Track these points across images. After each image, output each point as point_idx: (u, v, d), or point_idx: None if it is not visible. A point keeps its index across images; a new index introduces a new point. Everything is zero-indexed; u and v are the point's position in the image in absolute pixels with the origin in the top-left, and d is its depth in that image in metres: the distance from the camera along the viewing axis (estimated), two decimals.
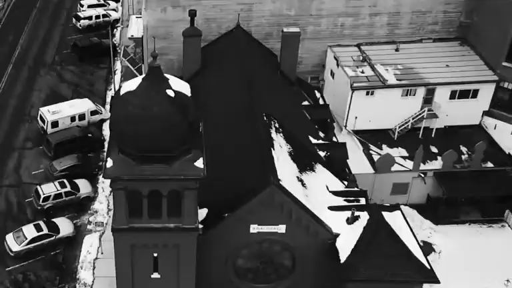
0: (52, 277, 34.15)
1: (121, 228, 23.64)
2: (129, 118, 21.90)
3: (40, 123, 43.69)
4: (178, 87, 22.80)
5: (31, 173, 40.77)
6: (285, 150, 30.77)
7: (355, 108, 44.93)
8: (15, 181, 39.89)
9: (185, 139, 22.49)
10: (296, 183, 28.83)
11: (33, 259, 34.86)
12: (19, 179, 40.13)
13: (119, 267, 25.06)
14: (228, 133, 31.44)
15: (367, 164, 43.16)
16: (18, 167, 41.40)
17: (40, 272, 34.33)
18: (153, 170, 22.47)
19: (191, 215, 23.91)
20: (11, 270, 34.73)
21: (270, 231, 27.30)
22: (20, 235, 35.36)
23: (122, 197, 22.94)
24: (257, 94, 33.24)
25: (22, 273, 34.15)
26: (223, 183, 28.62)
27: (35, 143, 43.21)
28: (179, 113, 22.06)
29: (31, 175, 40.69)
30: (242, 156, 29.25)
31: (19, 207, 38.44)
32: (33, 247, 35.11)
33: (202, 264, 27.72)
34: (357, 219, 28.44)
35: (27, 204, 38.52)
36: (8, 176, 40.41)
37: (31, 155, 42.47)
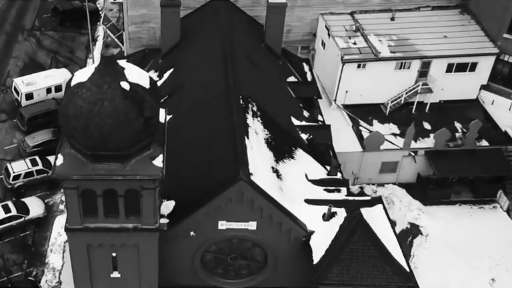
0: (20, 260, 32.87)
1: (75, 228, 22.01)
2: (77, 113, 19.77)
3: (14, 94, 41.52)
4: (135, 78, 20.55)
5: (3, 148, 38.81)
6: (261, 137, 28.69)
7: (345, 81, 42.62)
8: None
9: (140, 137, 20.46)
10: (270, 175, 26.90)
11: (0, 240, 33.58)
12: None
13: (75, 267, 23.51)
14: (201, 117, 29.33)
15: (355, 141, 41.24)
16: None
17: (7, 255, 33.03)
18: (106, 169, 20.52)
19: (150, 215, 22.16)
20: None
21: (240, 227, 25.58)
22: None
23: (74, 196, 21.12)
24: (235, 72, 30.86)
25: None
26: (192, 173, 26.77)
27: (10, 115, 41.04)
28: (133, 109, 19.90)
29: (3, 150, 38.71)
30: (214, 144, 27.22)
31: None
32: (0, 229, 33.74)
33: (168, 259, 26.18)
34: (333, 215, 26.62)
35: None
36: None
37: (4, 128, 40.32)
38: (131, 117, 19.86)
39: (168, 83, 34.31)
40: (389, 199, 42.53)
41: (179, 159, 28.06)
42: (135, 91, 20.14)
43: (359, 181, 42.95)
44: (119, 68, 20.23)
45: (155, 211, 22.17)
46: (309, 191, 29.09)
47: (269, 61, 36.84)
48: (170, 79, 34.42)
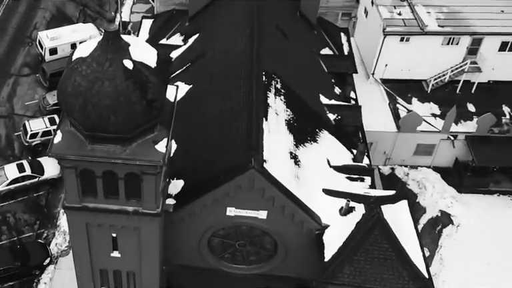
0: (32, 221, 32.94)
1: (73, 207, 21.36)
2: (75, 91, 18.63)
3: (38, 48, 40.79)
4: (140, 55, 19.15)
5: (24, 103, 38.48)
6: (282, 118, 27.11)
7: (385, 54, 40.27)
8: (6, 111, 37.84)
9: (142, 120, 19.24)
10: (287, 162, 25.47)
11: (13, 199, 33.63)
12: (11, 109, 38.08)
13: (74, 245, 23.05)
14: (220, 91, 27.89)
15: (390, 120, 39.26)
16: (11, 96, 39.11)
17: (19, 214, 33.15)
18: (105, 151, 19.52)
19: (151, 200, 21.21)
20: None
21: (249, 215, 24.50)
22: (1, 174, 33.87)
23: (72, 176, 20.31)
24: (261, 45, 28.99)
25: (1, 213, 33.05)
26: (205, 152, 25.64)
27: (33, 69, 40.48)
28: (135, 90, 18.62)
29: (24, 105, 38.42)
30: (229, 123, 25.83)
31: (7, 140, 36.66)
32: (14, 188, 33.72)
33: (173, 240, 25.53)
34: (351, 210, 25.10)
35: (16, 138, 36.68)
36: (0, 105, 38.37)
37: (26, 83, 39.90)
38: (132, 99, 18.62)
39: (192, 49, 32.83)
40: (421, 183, 40.69)
41: (193, 134, 27.00)
42: (139, 71, 18.79)
43: (391, 162, 41.14)
44: (124, 44, 18.86)
45: (157, 196, 21.22)
46: (330, 179, 27.58)
47: (302, 31, 34.74)
48: (195, 45, 32.90)
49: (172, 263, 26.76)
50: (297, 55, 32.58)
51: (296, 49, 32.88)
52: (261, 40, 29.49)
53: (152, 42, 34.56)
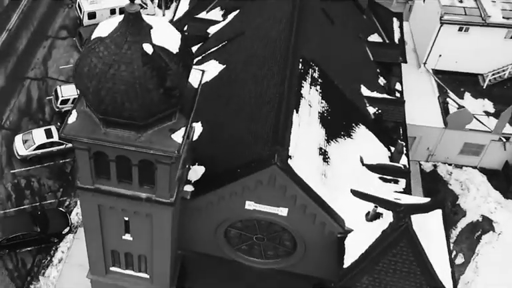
0: (55, 188, 33.20)
1: (86, 187, 21.10)
2: (90, 72, 18.00)
3: (78, 11, 40.46)
4: (162, 39, 18.31)
5: (58, 67, 38.44)
6: (315, 110, 25.93)
7: (440, 44, 38.22)
8: (40, 73, 37.95)
9: (158, 109, 18.52)
10: (314, 158, 24.41)
11: (40, 164, 33.92)
12: (45, 72, 38.14)
13: (86, 225, 22.93)
14: (253, 76, 26.84)
15: (438, 115, 37.42)
16: (47, 58, 39.13)
17: (44, 180, 33.45)
18: (119, 136, 18.94)
19: (164, 188, 20.63)
20: (15, 173, 34.13)
21: (269, 211, 23.73)
22: (29, 138, 34.17)
23: (85, 157, 19.95)
24: (301, 29, 27.65)
25: (26, 177, 33.45)
26: (230, 139, 24.85)
27: (71, 33, 40.31)
28: (152, 77, 17.83)
29: (58, 69, 38.39)
30: (258, 112, 24.90)
31: (38, 103, 36.92)
32: (40, 153, 34.00)
33: (189, 227, 25.13)
34: (378, 216, 23.97)
35: (47, 102, 36.82)
36: (35, 67, 38.46)
37: (62, 46, 39.80)
38: (149, 86, 17.90)
39: (231, 26, 31.78)
40: (464, 184, 38.92)
41: (221, 118, 26.22)
42: (158, 56, 17.97)
43: (434, 158, 39.43)
44: (145, 26, 18.04)
45: (171, 185, 20.66)
46: (361, 179, 26.41)
47: (350, 15, 33.04)
48: (234, 22, 31.77)
49: (187, 248, 26.51)
50: (341, 41, 31.04)
51: (341, 35, 31.30)
52: (302, 23, 28.12)
53: (190, 15, 33.83)
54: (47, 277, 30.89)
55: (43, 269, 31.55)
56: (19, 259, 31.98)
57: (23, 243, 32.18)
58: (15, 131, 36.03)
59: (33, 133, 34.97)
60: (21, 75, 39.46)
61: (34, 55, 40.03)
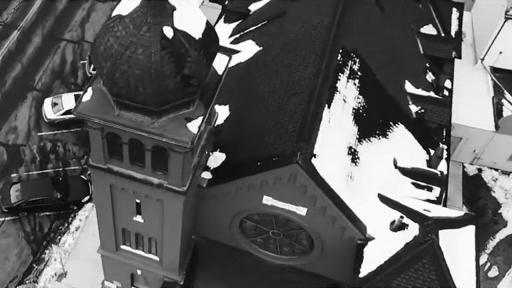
0: (80, 155, 33.37)
1: (98, 166, 20.86)
2: (106, 52, 17.41)
3: None
4: (185, 23, 17.49)
5: (96, 30, 38.13)
6: (349, 106, 24.73)
7: (502, 40, 35.88)
8: (76, 36, 37.76)
9: (174, 96, 17.85)
10: (342, 158, 23.35)
11: (67, 129, 34.07)
12: (82, 35, 37.93)
13: (97, 203, 22.84)
14: (289, 62, 25.75)
15: (489, 117, 35.45)
16: (85, 21, 38.81)
17: (70, 145, 33.61)
18: (133, 120, 18.45)
19: (177, 176, 20.19)
20: (42, 136, 34.41)
21: (287, 208, 22.99)
22: (58, 102, 34.28)
23: (98, 137, 19.61)
24: (346, 15, 26.26)
25: (52, 141, 33.68)
26: (254, 129, 24.02)
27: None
28: (170, 63, 17.07)
29: (95, 33, 38.02)
30: (287, 104, 23.92)
31: (72, 67, 36.84)
32: (68, 118, 34.10)
33: (204, 214, 24.70)
34: (403, 227, 22.87)
35: (81, 66, 36.72)
36: (72, 29, 38.29)
37: (102, 9, 39.36)
38: (165, 72, 17.22)
39: (273, 5, 30.55)
40: (509, 193, 37.12)
41: (249, 104, 25.41)
42: (179, 41, 17.21)
43: (480, 162, 37.60)
44: (168, 8, 17.27)
45: (184, 174, 20.16)
46: (391, 183, 25.23)
47: (404, 3, 31.24)
48: (277, 1, 30.64)
49: (201, 234, 26.22)
50: (389, 31, 29.36)
51: (390, 24, 29.68)
52: (348, 9, 26.68)
53: None
54: (62, 245, 31.42)
55: (60, 235, 32.09)
56: (36, 223, 32.61)
57: (42, 207, 32.70)
58: (46, 93, 36.37)
59: (62, 97, 35.11)
60: (57, 35, 39.63)
61: (72, 17, 40.05)
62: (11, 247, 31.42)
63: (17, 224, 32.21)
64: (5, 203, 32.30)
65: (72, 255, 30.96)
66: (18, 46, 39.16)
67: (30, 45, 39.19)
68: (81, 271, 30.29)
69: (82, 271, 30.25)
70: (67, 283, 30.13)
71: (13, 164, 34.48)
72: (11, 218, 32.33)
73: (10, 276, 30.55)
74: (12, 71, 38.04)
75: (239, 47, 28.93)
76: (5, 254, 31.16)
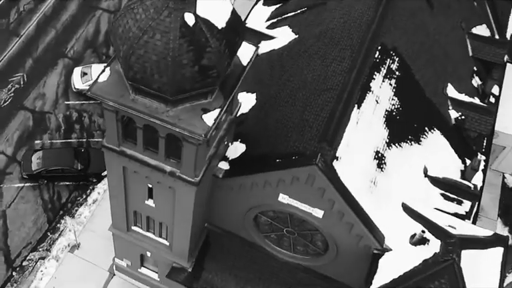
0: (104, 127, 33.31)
1: (112, 148, 20.76)
2: (124, 35, 17.03)
3: None
4: (208, 11, 16.96)
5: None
6: (382, 108, 23.80)
7: None
8: (113, 6, 37.50)
9: (191, 86, 17.39)
10: (367, 162, 22.54)
11: (94, 100, 34.10)
12: (119, 5, 37.63)
13: (110, 183, 22.76)
14: (323, 55, 24.90)
15: None
16: None
17: (95, 117, 33.75)
18: (147, 106, 18.15)
19: (190, 167, 19.93)
20: (69, 105, 34.62)
21: (303, 209, 22.47)
22: (88, 72, 34.33)
23: (113, 119, 19.42)
24: (389, 10, 25.24)
25: (78, 111, 33.84)
26: (278, 122, 23.44)
27: None
28: (188, 52, 16.55)
29: None
30: (315, 100, 23.17)
31: (105, 37, 36.69)
32: None
33: (219, 204, 24.45)
34: (423, 242, 22.06)
35: None
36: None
37: None
38: (183, 61, 16.76)
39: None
40: None
41: (277, 95, 24.80)
42: (200, 30, 16.70)
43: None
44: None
45: (197, 164, 19.85)
46: (418, 192, 24.37)
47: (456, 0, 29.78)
48: None
49: (215, 223, 26.06)
50: (437, 29, 28.11)
51: (438, 22, 28.32)
52: (393, 3, 25.59)
53: None
54: (78, 216, 31.85)
55: (77, 206, 32.53)
56: (55, 192, 33.06)
57: (62, 177, 33.05)
58: (77, 62, 36.53)
59: (92, 67, 35.16)
60: (94, 4, 39.66)
61: None
62: (27, 213, 32.08)
63: (36, 191, 32.82)
64: (25, 170, 32.87)
65: (87, 228, 31.39)
66: (53, 11, 39.36)
67: (65, 12, 39.38)
68: (94, 245, 30.70)
69: (95, 244, 30.66)
70: (79, 255, 30.63)
71: (37, 131, 34.96)
72: (30, 184, 32.91)
73: (24, 242, 31.31)
74: (45, 36, 38.41)
75: (275, 32, 28.23)
76: (22, 219, 31.87)
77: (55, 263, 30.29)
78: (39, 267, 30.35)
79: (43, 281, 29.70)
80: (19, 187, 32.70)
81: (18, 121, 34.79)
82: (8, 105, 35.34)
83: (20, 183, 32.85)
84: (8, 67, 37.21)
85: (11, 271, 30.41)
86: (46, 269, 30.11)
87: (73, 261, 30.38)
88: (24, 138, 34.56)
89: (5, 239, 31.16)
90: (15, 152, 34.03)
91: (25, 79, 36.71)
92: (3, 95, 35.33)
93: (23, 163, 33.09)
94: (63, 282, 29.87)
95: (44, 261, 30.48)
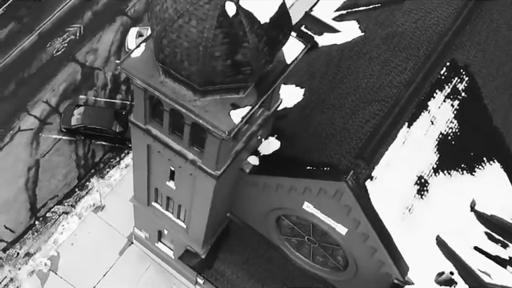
0: None
1: (138, 125, 20.63)
2: (160, 14, 16.52)
3: None
4: (253, 3, 16.19)
5: None
6: (437, 129, 22.38)
7: None
8: None
9: (221, 80, 16.82)
10: (406, 187, 21.35)
11: None
12: None
13: (135, 157, 22.68)
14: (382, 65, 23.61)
15: None
16: None
17: None
18: (175, 92, 17.73)
19: (212, 159, 19.54)
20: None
21: (327, 222, 21.72)
22: (144, 33, 34.45)
23: (141, 97, 19.21)
24: (472, 22, 23.60)
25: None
26: (319, 127, 22.60)
27: None
28: (222, 44, 15.88)
29: None
30: (363, 110, 22.09)
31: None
32: None
33: (242, 198, 24.08)
34: (450, 284, 20.94)
35: None
36: None
37: None
38: (215, 52, 16.15)
39: None
40: None
41: (326, 95, 23.97)
42: (239, 23, 15.97)
43: None
44: None
45: (219, 158, 19.45)
46: (460, 226, 23.11)
47: None
48: None
49: (237, 215, 25.78)
50: None
51: None
52: (475, 14, 23.93)
53: None
54: (108, 178, 32.38)
55: (109, 168, 33.04)
56: (90, 149, 33.64)
57: (99, 136, 33.49)
58: (135, 22, 36.58)
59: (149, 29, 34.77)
60: None
61: None
62: (60, 166, 32.89)
63: (72, 145, 33.52)
64: (64, 123, 33.50)
65: (114, 191, 31.92)
66: None
67: None
68: (119, 209, 31.19)
69: (119, 209, 31.14)
70: (101, 217, 31.29)
71: (83, 85, 35.52)
72: (67, 138, 33.58)
73: (51, 193, 32.23)
74: None
75: (341, 25, 27.11)
76: (53, 171, 32.74)
77: (77, 220, 31.12)
78: (61, 221, 31.30)
79: (62, 236, 30.64)
80: (56, 139, 33.56)
81: (67, 72, 35.44)
82: (60, 55, 36.01)
83: (58, 135, 33.63)
84: (67, 16, 37.76)
85: (34, 219, 31.55)
86: (67, 224, 31.02)
87: (94, 222, 31.09)
88: (69, 91, 35.21)
89: (34, 188, 32.22)
90: (59, 103, 34.78)
91: (81, 31, 37.24)
92: (57, 44, 36.09)
93: (63, 116, 33.75)
94: (82, 240, 30.68)
95: (67, 216, 31.38)
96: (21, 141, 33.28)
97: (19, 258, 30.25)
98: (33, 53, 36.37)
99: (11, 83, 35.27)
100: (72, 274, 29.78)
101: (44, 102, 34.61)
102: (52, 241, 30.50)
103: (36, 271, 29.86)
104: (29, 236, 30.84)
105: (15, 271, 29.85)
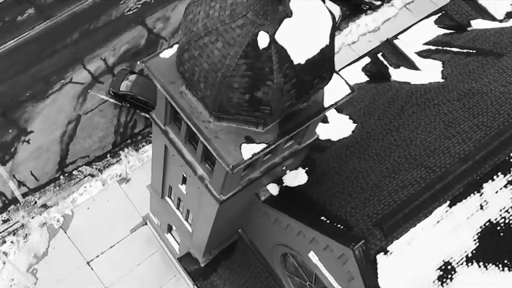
0: None
1: (158, 124, 20.34)
2: (189, 25, 15.75)
3: None
4: (292, 39, 14.93)
5: None
6: (484, 216, 20.32)
7: None
8: None
9: (234, 111, 16.10)
10: (426, 271, 19.44)
11: None
12: None
13: (154, 152, 22.43)
14: (445, 126, 21.87)
15: None
16: None
17: None
18: (192, 106, 17.04)
19: (218, 183, 18.89)
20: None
21: (328, 278, 20.67)
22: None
23: (163, 97, 18.85)
24: None
25: None
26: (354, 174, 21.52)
27: None
28: (243, 77, 14.91)
29: None
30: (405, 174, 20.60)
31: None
32: None
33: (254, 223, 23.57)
34: None
35: None
36: None
37: None
38: (233, 83, 15.33)
39: (503, 34, 25.87)
40: None
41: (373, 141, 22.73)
42: (268, 58, 15.12)
43: None
44: (280, 11, 15.10)
45: (225, 185, 18.92)
46: None
47: None
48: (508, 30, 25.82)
49: (247, 233, 25.35)
50: None
51: None
52: None
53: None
54: (142, 152, 32.69)
55: (145, 142, 33.33)
56: (132, 119, 34.04)
57: (145, 109, 33.74)
58: None
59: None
60: None
61: None
62: (98, 128, 33.46)
63: (116, 110, 33.95)
64: (113, 86, 33.83)
65: (143, 167, 32.22)
66: None
67: None
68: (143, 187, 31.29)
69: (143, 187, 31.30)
70: (124, 189, 31.80)
71: (145, 52, 35.50)
72: (113, 101, 34.13)
73: (83, 153, 32.97)
74: None
75: (422, 63, 25.40)
76: (91, 131, 33.36)
77: (100, 186, 31.83)
78: (84, 182, 32.10)
79: (82, 197, 31.50)
80: (103, 100, 34.13)
81: (132, 34, 35.52)
82: (130, 15, 35.98)
83: (105, 96, 34.22)
84: None
85: (60, 173, 32.54)
86: (90, 187, 31.81)
87: (116, 192, 31.67)
88: (129, 54, 35.29)
89: (69, 142, 33.08)
90: (115, 64, 35.04)
91: None
92: (131, 3, 36.15)
93: (115, 79, 34.02)
94: (99, 207, 31.39)
95: (92, 179, 32.15)
96: (69, 92, 34.16)
97: (35, 207, 31.50)
98: (105, 6, 36.64)
99: (76, 31, 35.83)
100: (79, 237, 30.68)
101: (101, 59, 35.14)
102: (70, 199, 31.47)
103: (47, 224, 31.00)
104: (50, 188, 31.92)
105: (28, 219, 31.14)
